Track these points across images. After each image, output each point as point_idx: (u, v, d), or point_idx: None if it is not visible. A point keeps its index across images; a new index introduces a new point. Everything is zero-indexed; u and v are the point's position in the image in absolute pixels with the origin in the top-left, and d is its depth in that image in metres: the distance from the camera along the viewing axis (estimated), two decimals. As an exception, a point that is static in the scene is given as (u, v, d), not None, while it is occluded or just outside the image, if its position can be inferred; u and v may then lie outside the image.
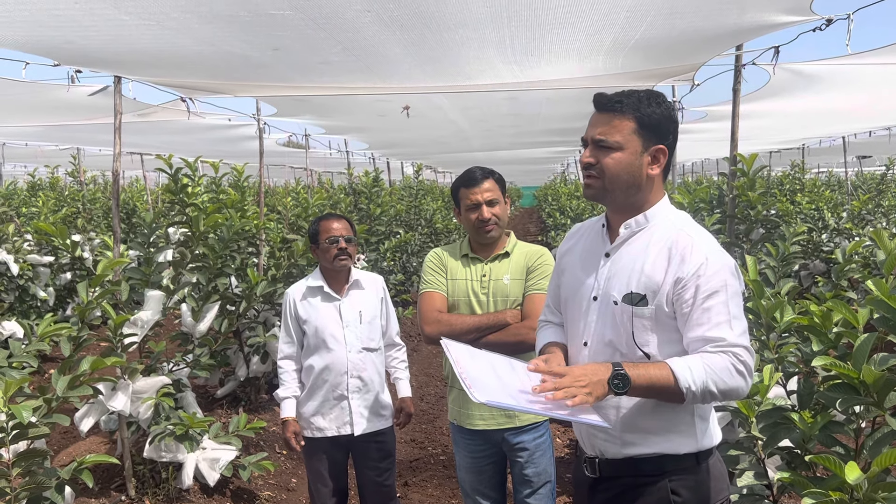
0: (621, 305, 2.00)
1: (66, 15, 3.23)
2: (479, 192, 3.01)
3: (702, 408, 2.04)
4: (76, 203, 10.66)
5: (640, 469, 2.03)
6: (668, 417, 2.00)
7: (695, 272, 1.91)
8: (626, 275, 2.02)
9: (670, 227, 2.04)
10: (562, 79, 5.23)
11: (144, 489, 4.42)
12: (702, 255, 1.94)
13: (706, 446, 2.05)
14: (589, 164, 2.04)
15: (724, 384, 1.85)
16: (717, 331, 1.88)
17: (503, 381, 1.93)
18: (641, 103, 2.04)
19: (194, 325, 4.89)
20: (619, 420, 2.02)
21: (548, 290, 2.43)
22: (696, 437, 2.03)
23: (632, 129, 2.02)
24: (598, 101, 2.07)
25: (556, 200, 17.95)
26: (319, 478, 3.54)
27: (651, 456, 2.01)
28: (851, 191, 12.91)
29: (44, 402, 3.03)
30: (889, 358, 2.21)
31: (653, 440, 2.01)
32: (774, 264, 4.12)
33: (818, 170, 21.01)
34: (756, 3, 3.50)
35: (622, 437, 2.03)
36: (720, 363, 1.85)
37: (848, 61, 5.23)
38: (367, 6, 3.27)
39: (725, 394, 1.87)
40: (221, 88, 5.56)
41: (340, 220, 3.55)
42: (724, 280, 1.93)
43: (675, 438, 2.01)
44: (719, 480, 2.08)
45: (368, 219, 9.36)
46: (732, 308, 1.92)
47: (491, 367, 2.02)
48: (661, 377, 1.84)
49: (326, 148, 12.98)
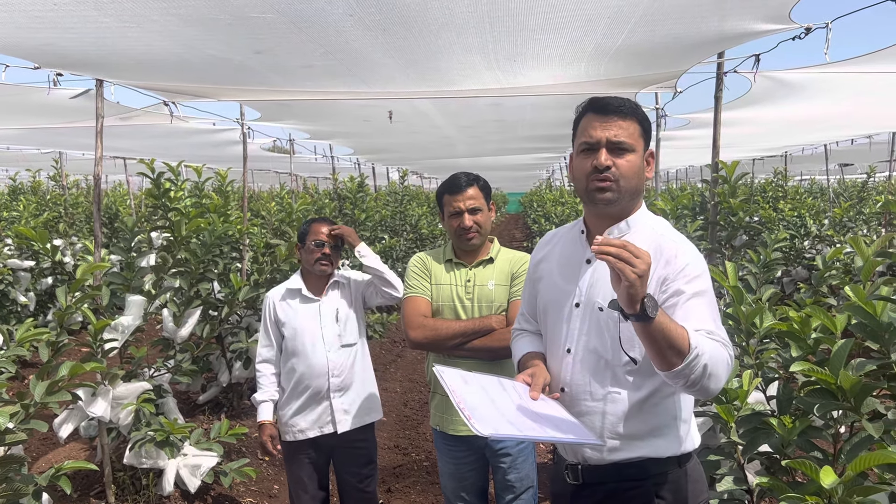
0: (607, 311, 1.99)
1: (45, 17, 3.20)
2: (462, 200, 3.01)
3: (684, 410, 2.05)
4: (58, 207, 10.59)
5: (624, 474, 2.03)
6: (651, 422, 2.01)
7: (680, 272, 1.92)
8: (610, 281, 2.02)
9: (651, 232, 2.05)
10: (545, 85, 5.25)
11: (124, 496, 4.38)
12: (687, 257, 1.96)
13: (688, 449, 2.06)
14: (606, 167, 1.98)
15: (716, 369, 1.80)
16: (707, 325, 1.86)
17: (497, 404, 1.93)
18: (637, 107, 2.05)
19: (176, 330, 4.86)
20: (604, 426, 2.02)
21: (521, 299, 2.42)
22: (679, 441, 2.04)
23: (639, 132, 2.03)
24: (601, 103, 2.03)
25: (541, 206, 18.00)
26: (300, 483, 3.52)
27: (635, 461, 2.01)
28: (833, 198, 13.02)
29: (21, 408, 3.00)
30: (866, 364, 2.23)
31: (637, 445, 2.01)
32: (756, 271, 4.14)
33: (801, 177, 21.19)
34: (736, 11, 3.53)
35: (607, 442, 2.02)
36: (720, 351, 1.82)
37: (827, 70, 5.29)
38: (349, 10, 3.27)
39: (710, 378, 1.79)
40: (204, 92, 5.54)
41: (331, 225, 3.55)
42: (707, 284, 1.95)
43: (658, 442, 2.02)
44: (699, 483, 2.10)
45: (353, 224, 9.34)
46: (713, 310, 1.93)
47: (484, 392, 2.00)
48: (678, 329, 1.75)
49: (311, 153, 12.95)
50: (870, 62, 5.11)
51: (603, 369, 2.02)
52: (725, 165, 4.63)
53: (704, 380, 1.78)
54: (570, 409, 2.05)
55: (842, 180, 16.70)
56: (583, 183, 2.05)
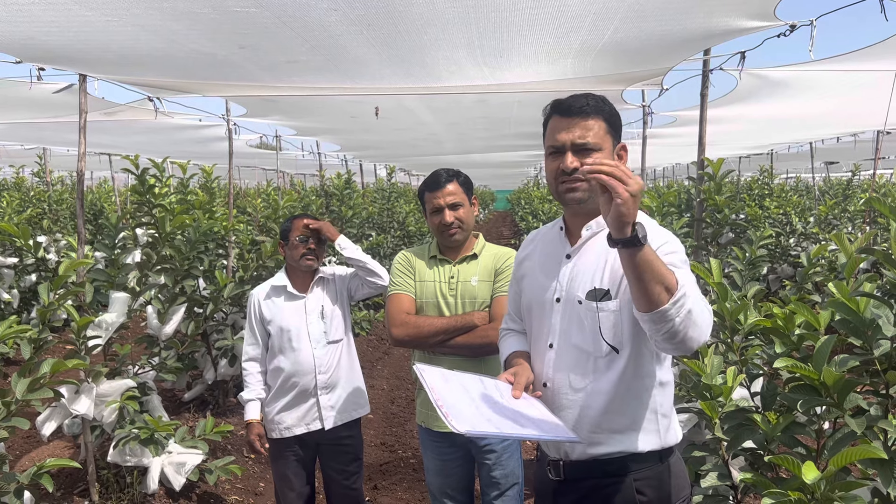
0: (585, 303, 2.01)
1: (25, 10, 3.16)
2: (442, 196, 3.00)
3: (664, 405, 2.06)
4: (42, 204, 10.50)
5: (605, 470, 2.03)
6: (631, 416, 2.01)
7: (658, 248, 1.84)
8: (589, 273, 2.03)
9: None
10: (532, 82, 5.25)
11: (108, 494, 4.35)
12: (664, 237, 1.97)
13: (669, 444, 2.07)
14: (573, 170, 2.00)
15: (700, 317, 1.72)
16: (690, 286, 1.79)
17: (477, 402, 1.94)
18: (603, 103, 2.06)
19: (160, 327, 4.83)
20: (584, 420, 2.02)
21: (508, 297, 2.44)
22: (660, 435, 2.05)
23: (605, 129, 2.04)
24: (564, 105, 2.05)
25: (529, 204, 18.01)
26: (286, 481, 3.51)
27: (616, 456, 2.02)
28: (818, 196, 13.10)
29: (2, 405, 2.97)
30: (848, 360, 2.23)
31: (617, 438, 2.02)
32: (741, 268, 4.16)
33: (786, 175, 21.29)
34: (722, 8, 3.53)
35: (589, 437, 2.02)
36: (704, 301, 1.78)
37: (812, 67, 5.31)
38: (333, 5, 3.25)
39: (694, 326, 1.71)
40: (188, 87, 5.50)
41: (314, 220, 3.53)
42: (685, 260, 1.95)
43: (638, 436, 2.02)
44: (681, 478, 2.10)
45: (340, 221, 9.32)
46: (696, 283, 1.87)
47: (464, 390, 2.01)
48: (664, 269, 1.69)
49: (298, 150, 12.90)
50: (855, 60, 5.14)
51: (584, 363, 2.03)
52: (711, 163, 4.65)
53: (689, 327, 1.70)
54: (553, 404, 2.06)
55: (827, 178, 16.80)
56: (553, 185, 2.10)
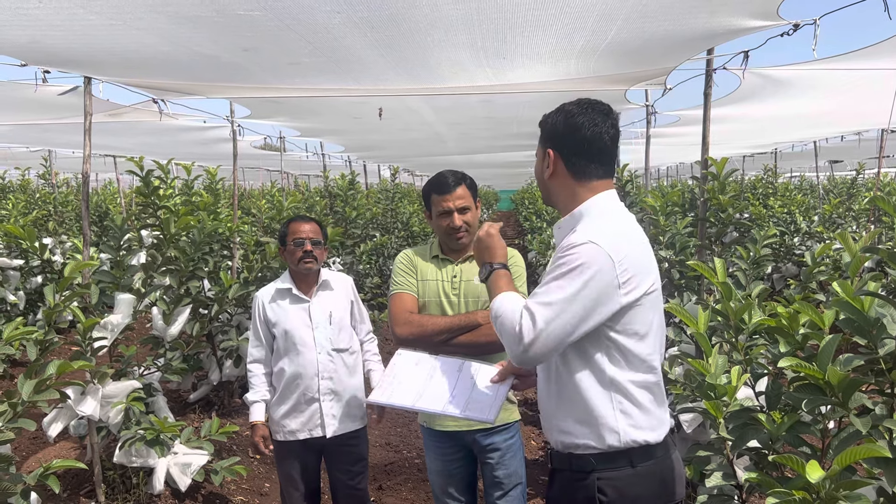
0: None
1: (30, 14, 3.17)
2: (452, 200, 3.00)
3: (623, 402, 2.03)
4: (47, 206, 10.53)
5: (574, 464, 2.08)
6: (581, 410, 2.04)
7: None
8: None
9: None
10: (536, 82, 5.25)
11: (114, 495, 4.37)
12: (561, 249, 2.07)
13: (632, 444, 2.03)
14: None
15: (501, 326, 2.01)
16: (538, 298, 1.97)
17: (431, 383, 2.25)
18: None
19: (165, 328, 4.84)
20: (552, 409, 2.13)
21: None
22: (618, 433, 2.01)
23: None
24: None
25: (532, 204, 17.99)
26: (291, 482, 3.52)
27: (585, 451, 2.04)
28: (823, 195, 13.07)
29: (9, 407, 2.98)
30: (853, 359, 2.23)
31: (581, 430, 2.04)
32: (745, 267, 4.16)
33: (790, 174, 21.25)
34: (725, 8, 3.53)
35: (558, 425, 2.11)
36: (515, 313, 1.97)
37: (816, 66, 5.30)
38: (337, 7, 3.25)
39: (500, 334, 2.03)
40: (193, 89, 5.51)
41: (310, 222, 3.52)
42: (566, 266, 1.97)
43: (595, 430, 2.02)
44: (654, 487, 2.06)
45: (344, 222, 9.33)
46: (552, 286, 1.95)
47: (429, 372, 2.38)
48: (495, 291, 2.13)
49: (302, 151, 12.91)
50: (858, 58, 5.13)
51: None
52: (715, 162, 4.64)
53: (499, 333, 2.04)
54: (538, 393, 2.24)
55: (831, 177, 16.76)
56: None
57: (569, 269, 1.93)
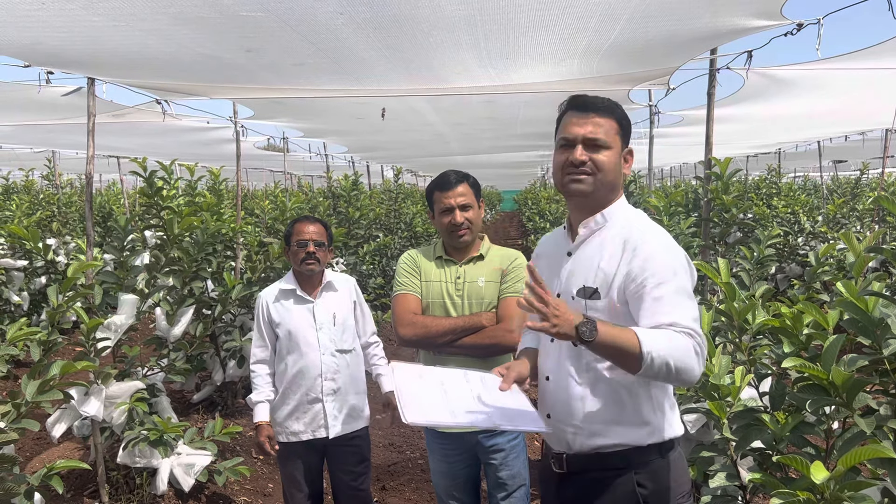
0: (576, 300, 2.08)
1: (33, 16, 3.18)
2: (453, 197, 3.01)
3: (664, 400, 2.09)
4: (51, 206, 10.54)
5: (607, 462, 2.07)
6: (630, 409, 2.05)
7: (642, 265, 1.98)
8: (584, 271, 2.10)
9: (625, 223, 2.12)
10: (538, 82, 5.24)
11: (118, 495, 4.37)
12: (650, 247, 2.01)
13: (669, 437, 2.10)
14: (581, 162, 2.06)
15: (682, 362, 1.85)
16: (670, 317, 1.91)
17: (449, 395, 2.04)
18: (616, 107, 2.13)
19: (169, 329, 4.85)
20: (585, 412, 2.07)
21: None
22: (661, 429, 2.08)
23: (616, 129, 2.10)
24: (580, 101, 2.12)
25: (535, 204, 18.00)
26: (294, 482, 3.52)
27: (617, 449, 2.05)
28: (826, 195, 13.04)
29: (13, 408, 2.99)
30: (857, 359, 2.23)
31: (617, 430, 2.05)
32: (749, 267, 4.14)
33: (794, 174, 21.21)
34: (728, 7, 3.52)
35: (589, 427, 2.07)
36: (683, 342, 1.87)
37: (820, 66, 5.29)
38: (340, 8, 3.26)
39: (680, 372, 1.85)
40: (195, 90, 5.52)
41: (315, 223, 3.52)
42: (672, 269, 1.99)
43: (638, 429, 2.05)
44: (681, 474, 2.13)
45: (347, 222, 9.32)
46: (683, 298, 1.96)
47: (439, 385, 2.10)
48: (627, 339, 1.83)
49: (306, 151, 12.93)
50: (862, 58, 5.12)
51: (580, 357, 2.09)
52: (719, 162, 4.63)
53: (674, 374, 1.85)
54: (555, 396, 2.14)
55: (835, 177, 16.72)
56: (559, 177, 2.14)
57: (679, 271, 2.00)
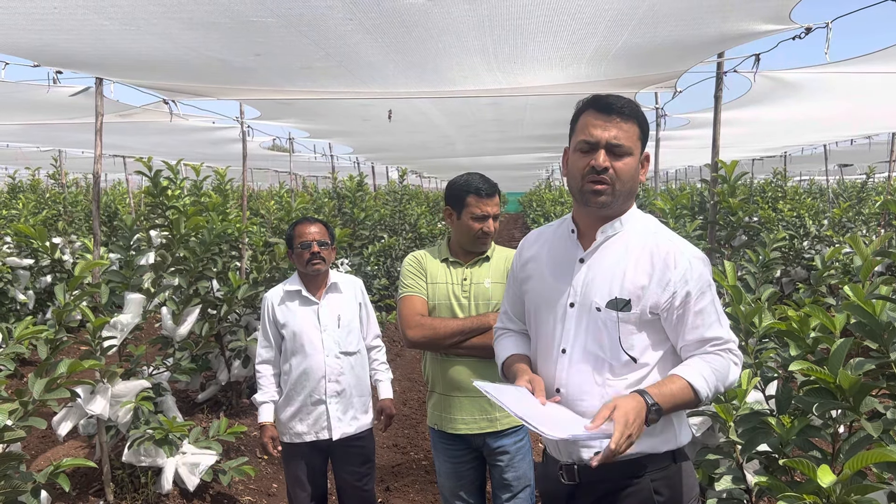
0: (605, 311, 1.99)
1: (45, 19, 3.19)
2: (491, 205, 3.02)
3: None
4: (57, 205, 10.58)
5: (623, 471, 2.02)
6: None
7: (682, 277, 1.96)
8: (607, 280, 2.02)
9: (643, 230, 2.06)
10: (545, 85, 5.25)
11: (123, 494, 4.38)
12: (685, 259, 1.98)
13: (682, 443, 2.10)
14: (604, 169, 1.96)
15: (727, 382, 2.00)
16: (713, 331, 1.98)
17: (538, 409, 1.93)
18: (638, 109, 2.03)
19: (175, 328, 4.86)
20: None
21: (505, 298, 2.42)
22: (675, 436, 2.08)
23: (637, 134, 2.01)
24: (603, 102, 2.00)
25: (540, 206, 18.00)
26: (298, 483, 3.52)
27: (633, 457, 2.00)
28: (832, 198, 13.02)
29: (20, 406, 3.00)
30: (864, 363, 2.23)
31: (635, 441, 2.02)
32: (755, 270, 4.15)
33: (800, 177, 21.17)
34: (737, 12, 3.52)
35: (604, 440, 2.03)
36: (723, 363, 1.96)
37: (827, 70, 5.29)
38: (349, 14, 3.26)
39: (727, 389, 2.02)
40: (203, 91, 5.54)
41: (316, 224, 3.52)
42: (708, 279, 2.01)
43: (656, 438, 2.03)
44: (691, 478, 2.14)
45: (352, 223, 9.33)
46: (717, 305, 2.01)
47: (524, 401, 1.96)
48: (682, 393, 1.92)
49: (311, 152, 12.94)
50: (870, 62, 5.11)
51: (600, 369, 2.01)
52: (725, 165, 4.63)
53: (721, 393, 2.05)
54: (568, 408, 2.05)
55: (841, 181, 16.69)
56: (577, 182, 2.02)
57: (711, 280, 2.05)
